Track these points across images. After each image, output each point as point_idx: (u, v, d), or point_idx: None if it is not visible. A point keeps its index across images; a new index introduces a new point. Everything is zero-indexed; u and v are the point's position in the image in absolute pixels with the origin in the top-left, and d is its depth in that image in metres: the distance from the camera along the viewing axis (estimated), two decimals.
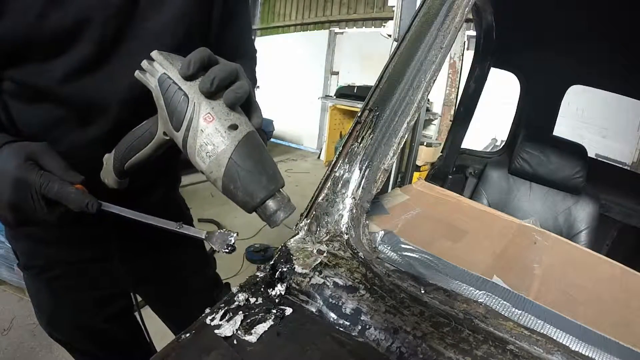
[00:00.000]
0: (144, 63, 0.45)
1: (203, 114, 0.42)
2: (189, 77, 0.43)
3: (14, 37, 0.50)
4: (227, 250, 0.48)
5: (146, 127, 0.50)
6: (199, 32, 0.64)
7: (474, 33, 3.16)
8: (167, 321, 0.99)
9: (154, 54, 0.45)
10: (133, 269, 0.82)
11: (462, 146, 1.86)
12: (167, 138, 0.47)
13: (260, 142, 0.45)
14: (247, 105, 0.47)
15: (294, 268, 0.48)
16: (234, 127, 0.42)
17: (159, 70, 0.45)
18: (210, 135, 0.42)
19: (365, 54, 5.74)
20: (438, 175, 1.76)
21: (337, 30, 6.14)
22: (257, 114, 0.48)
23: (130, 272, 0.81)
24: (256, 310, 0.44)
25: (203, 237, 0.49)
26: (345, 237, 0.54)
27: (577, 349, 0.42)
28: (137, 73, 0.46)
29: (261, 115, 0.49)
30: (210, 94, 0.42)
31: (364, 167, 0.59)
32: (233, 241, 0.48)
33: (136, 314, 0.84)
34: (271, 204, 0.43)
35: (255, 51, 0.83)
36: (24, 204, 0.48)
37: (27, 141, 0.50)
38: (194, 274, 0.92)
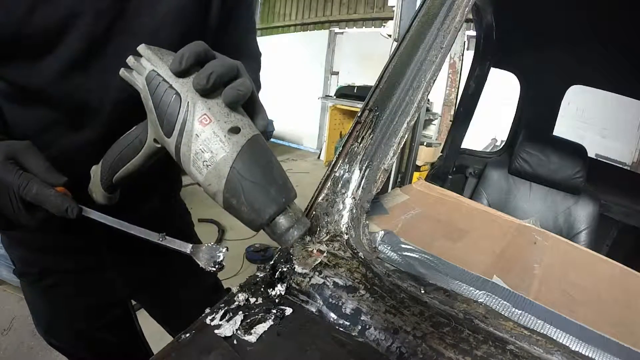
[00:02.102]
0: (130, 59, 0.40)
1: (198, 116, 0.36)
2: (181, 74, 0.38)
3: (3, 33, 0.48)
4: (214, 269, 0.42)
5: (135, 134, 0.44)
6: (197, 32, 0.62)
7: (474, 33, 3.16)
8: (165, 326, 0.98)
9: (141, 48, 0.40)
10: (129, 276, 0.81)
11: (462, 146, 1.86)
12: (159, 146, 0.42)
13: (266, 146, 0.39)
14: (249, 105, 0.42)
15: (294, 268, 0.48)
16: (235, 130, 0.36)
17: (147, 67, 0.39)
18: (208, 140, 0.36)
19: (365, 54, 5.74)
20: (438, 175, 1.76)
21: (337, 30, 6.14)
22: (261, 115, 0.43)
23: (127, 279, 0.81)
24: (256, 310, 0.44)
25: (188, 251, 0.44)
26: (345, 237, 0.54)
27: (577, 349, 0.42)
28: (122, 71, 0.41)
29: (266, 116, 0.43)
30: (207, 92, 0.37)
31: (364, 167, 0.59)
32: (222, 258, 0.42)
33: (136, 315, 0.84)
34: (282, 220, 0.37)
35: (259, 54, 0.80)
36: (2, 207, 0.45)
37: (9, 140, 0.48)
38: (192, 280, 0.91)
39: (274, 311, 0.44)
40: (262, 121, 0.42)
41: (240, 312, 0.44)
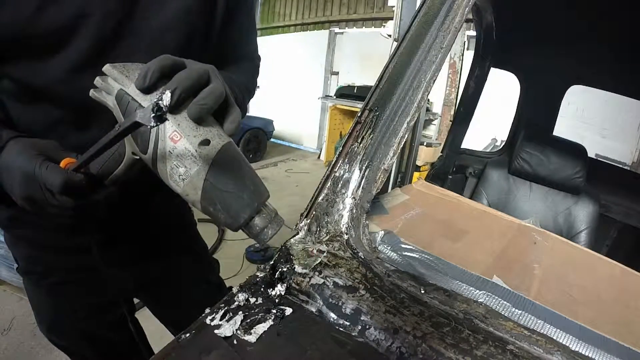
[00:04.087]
0: (97, 80, 0.41)
1: (169, 133, 0.37)
2: (147, 90, 0.38)
3: (11, 32, 0.48)
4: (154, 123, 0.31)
5: (114, 148, 0.44)
6: (202, 32, 0.63)
7: (474, 33, 3.16)
8: (168, 325, 0.98)
9: (106, 68, 0.40)
10: (132, 275, 0.81)
11: (462, 146, 1.86)
12: (138, 157, 0.43)
13: (237, 153, 0.41)
14: (222, 107, 0.42)
15: (294, 268, 0.48)
16: (205, 142, 0.38)
17: (115, 86, 0.40)
18: (180, 156, 0.37)
19: (365, 54, 5.74)
20: (438, 175, 1.76)
21: (337, 30, 6.14)
22: (232, 117, 0.42)
23: (129, 278, 0.81)
24: (256, 310, 0.44)
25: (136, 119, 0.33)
26: (345, 237, 0.54)
27: (577, 349, 0.42)
28: (92, 92, 0.42)
29: (237, 118, 0.43)
30: (173, 109, 0.37)
31: (364, 167, 0.59)
32: (167, 101, 0.33)
33: (137, 316, 0.85)
34: (257, 221, 0.40)
35: (258, 57, 0.80)
36: (35, 197, 0.45)
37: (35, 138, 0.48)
38: (193, 281, 0.91)
39: (274, 311, 0.44)
40: (231, 124, 0.42)
41: (240, 312, 0.44)
